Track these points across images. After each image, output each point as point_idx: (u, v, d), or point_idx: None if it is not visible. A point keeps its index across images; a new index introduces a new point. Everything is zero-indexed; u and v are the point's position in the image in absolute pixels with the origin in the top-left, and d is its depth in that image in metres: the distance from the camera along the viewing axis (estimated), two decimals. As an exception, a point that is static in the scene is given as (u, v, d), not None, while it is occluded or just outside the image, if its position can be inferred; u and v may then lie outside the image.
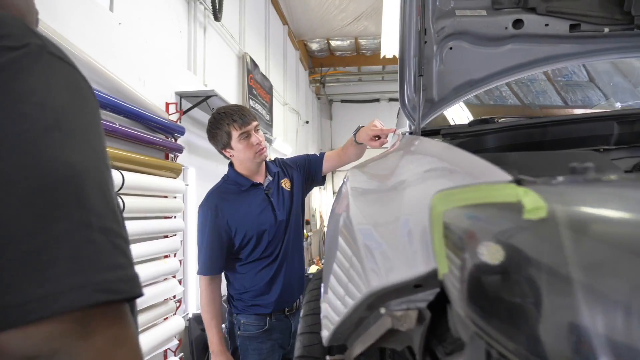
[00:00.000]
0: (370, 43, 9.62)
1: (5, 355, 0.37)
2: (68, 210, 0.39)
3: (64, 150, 0.41)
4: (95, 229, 0.41)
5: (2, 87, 0.40)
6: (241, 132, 1.78)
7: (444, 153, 0.72)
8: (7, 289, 0.36)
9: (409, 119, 1.55)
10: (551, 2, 1.43)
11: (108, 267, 0.40)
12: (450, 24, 1.46)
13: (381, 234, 0.64)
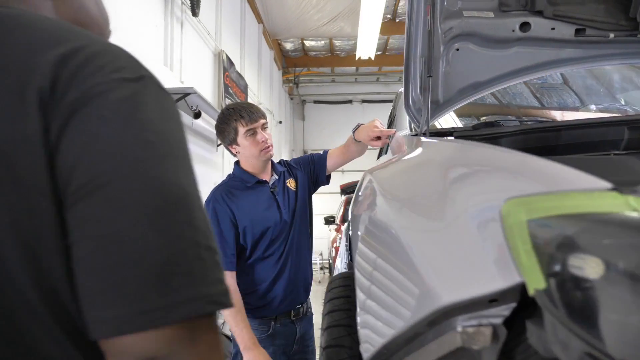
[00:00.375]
0: (345, 44, 9.63)
1: (128, 356, 0.42)
2: (183, 230, 0.44)
3: (178, 175, 0.46)
4: (202, 247, 0.45)
5: (130, 116, 0.45)
6: (247, 128, 1.77)
7: (498, 155, 0.68)
8: (139, 297, 0.41)
9: (413, 120, 1.52)
10: (558, 6, 1.42)
11: (213, 281, 0.45)
12: (458, 24, 1.43)
13: (443, 247, 0.60)
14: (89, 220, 0.42)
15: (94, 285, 0.42)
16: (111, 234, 0.42)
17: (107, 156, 0.43)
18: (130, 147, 0.44)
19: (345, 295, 0.94)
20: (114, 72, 0.46)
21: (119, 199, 0.42)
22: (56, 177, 0.43)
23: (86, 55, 0.45)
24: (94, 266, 0.42)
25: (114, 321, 0.41)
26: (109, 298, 0.41)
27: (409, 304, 0.60)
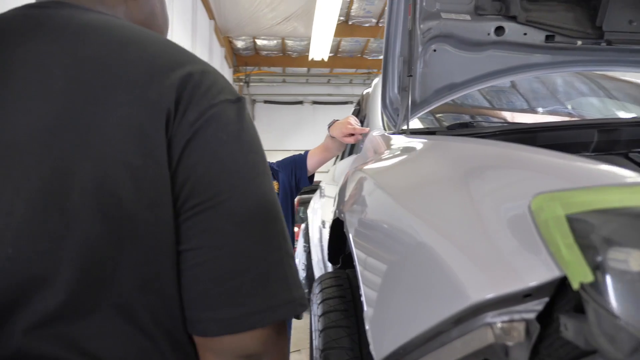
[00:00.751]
0: (297, 44, 9.61)
1: (231, 353, 0.47)
2: (278, 241, 0.50)
3: (270, 190, 0.51)
4: (289, 255, 0.51)
5: (239, 138, 0.49)
6: None
7: (518, 151, 0.69)
8: (249, 300, 0.46)
9: (390, 119, 1.52)
10: (531, 12, 1.47)
11: (299, 286, 0.50)
12: (437, 25, 1.45)
13: (471, 244, 0.59)
14: (208, 231, 0.47)
15: (209, 289, 0.46)
16: (227, 244, 0.46)
17: (226, 175, 0.48)
18: (243, 167, 0.49)
19: (339, 295, 0.92)
20: (219, 94, 0.50)
21: (236, 214, 0.47)
22: (175, 191, 0.47)
23: (198, 78, 0.49)
24: (210, 272, 0.46)
25: (225, 321, 0.46)
26: (222, 301, 0.46)
27: (434, 302, 0.59)
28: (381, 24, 8.73)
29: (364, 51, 10.25)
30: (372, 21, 8.64)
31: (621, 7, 1.43)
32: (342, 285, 0.94)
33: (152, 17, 0.63)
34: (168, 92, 0.46)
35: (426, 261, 0.62)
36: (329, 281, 0.98)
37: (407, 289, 0.64)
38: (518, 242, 0.55)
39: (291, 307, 0.48)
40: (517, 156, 0.67)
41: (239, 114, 0.50)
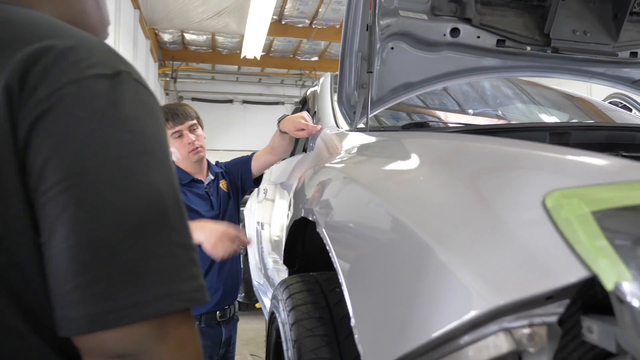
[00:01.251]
0: (229, 41, 9.37)
1: (100, 353, 0.43)
2: (155, 229, 0.45)
3: (152, 174, 0.46)
4: (175, 245, 0.46)
5: (104, 114, 0.45)
6: (173, 131, 1.78)
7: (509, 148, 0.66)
8: (108, 295, 0.42)
9: (345, 117, 1.48)
10: (485, 15, 1.50)
11: (186, 278, 0.46)
12: (395, 23, 1.43)
13: (483, 246, 0.54)
14: (58, 220, 0.42)
15: (64, 284, 0.42)
16: (81, 234, 0.42)
17: (78, 157, 0.43)
18: (103, 147, 0.44)
19: (312, 301, 0.85)
20: (89, 67, 0.45)
21: (89, 200, 0.43)
22: (27, 176, 0.43)
23: (59, 51, 0.45)
24: (64, 265, 0.42)
25: (84, 319, 0.42)
26: (79, 297, 0.42)
27: (445, 307, 0.54)
28: (314, 26, 8.74)
29: (296, 52, 10.22)
30: (306, 22, 8.63)
31: (566, 16, 1.49)
32: (312, 290, 0.88)
33: (82, 15, 0.59)
34: (12, 67, 0.43)
35: (434, 264, 0.57)
36: (297, 286, 0.90)
37: (410, 294, 0.59)
38: (535, 241, 0.52)
39: (167, 302, 0.44)
40: (518, 153, 0.65)
41: (112, 89, 0.45)
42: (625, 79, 1.66)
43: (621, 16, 1.52)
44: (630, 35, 1.55)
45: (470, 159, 0.67)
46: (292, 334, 0.78)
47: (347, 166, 0.91)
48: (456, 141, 0.79)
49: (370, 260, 0.66)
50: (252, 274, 3.25)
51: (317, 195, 0.94)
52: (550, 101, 2.29)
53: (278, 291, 0.97)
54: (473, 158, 0.67)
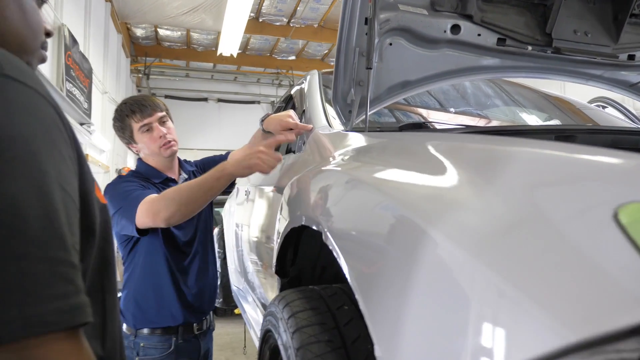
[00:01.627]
0: (204, 38, 9.19)
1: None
2: (2, 243, 0.40)
3: (3, 181, 0.41)
4: (34, 260, 0.41)
5: None
6: (142, 124, 1.61)
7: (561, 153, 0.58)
8: None
9: (340, 116, 1.39)
10: (486, 12, 1.43)
11: (47, 298, 0.41)
12: (394, 17, 1.35)
13: (545, 272, 0.47)
14: None
15: None
16: None
17: None
18: None
19: (319, 322, 0.75)
20: None
21: None
22: None
23: None
24: None
25: None
26: None
27: (501, 344, 0.46)
28: (292, 24, 8.65)
29: (273, 50, 10.09)
30: (283, 20, 8.52)
31: (568, 16, 1.44)
32: (318, 308, 0.79)
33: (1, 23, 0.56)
34: None
35: (484, 289, 0.49)
36: (299, 303, 0.81)
37: (453, 323, 0.50)
38: (609, 264, 0.44)
39: (18, 327, 0.39)
40: (572, 158, 0.57)
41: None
42: (622, 82, 1.63)
43: (622, 18, 1.48)
44: (629, 37, 1.52)
45: (516, 166, 0.59)
46: (294, 342, 0.69)
47: (356, 170, 0.82)
48: (493, 145, 0.71)
49: (396, 279, 0.58)
50: (231, 278, 3.13)
51: (321, 201, 0.85)
52: (529, 100, 2.26)
53: (276, 308, 0.87)
54: (520, 165, 0.59)
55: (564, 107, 2.23)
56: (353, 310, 0.77)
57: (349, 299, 0.81)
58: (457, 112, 2.11)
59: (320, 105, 1.69)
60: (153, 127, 1.61)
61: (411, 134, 1.15)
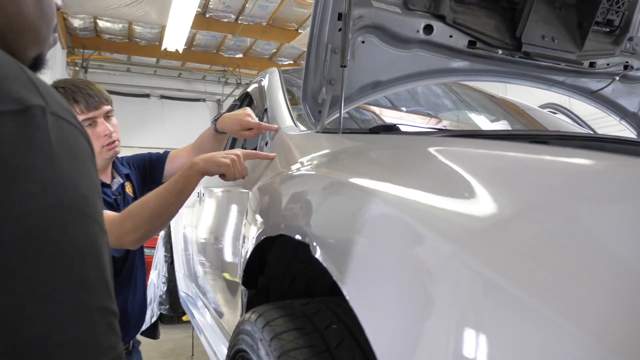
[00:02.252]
0: (147, 32, 8.79)
1: None
2: (72, 294, 0.39)
3: (68, 229, 0.40)
4: (95, 310, 0.41)
5: (5, 163, 0.38)
6: (85, 117, 1.36)
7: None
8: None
9: (309, 116, 1.32)
10: (458, 14, 1.41)
11: (105, 349, 0.41)
12: (368, 14, 1.29)
13: (577, 287, 0.41)
14: None
15: None
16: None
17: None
18: (3, 204, 0.37)
19: (307, 344, 0.67)
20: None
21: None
22: None
23: None
24: None
25: None
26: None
27: None
28: (240, 22, 8.46)
29: (220, 47, 9.83)
30: (231, 17, 8.31)
31: (536, 21, 1.45)
32: (303, 328, 0.70)
33: (18, 18, 0.51)
34: None
35: (513, 308, 0.43)
36: (281, 322, 0.72)
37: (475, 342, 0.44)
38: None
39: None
40: (601, 166, 0.52)
41: (17, 133, 0.38)
42: (583, 89, 1.66)
43: (586, 25, 1.50)
44: (592, 45, 1.55)
45: (537, 174, 0.54)
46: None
47: (344, 175, 0.74)
48: (504, 152, 0.66)
49: (404, 292, 0.51)
50: (180, 284, 2.97)
51: (306, 210, 0.77)
52: (476, 101, 2.28)
53: (252, 326, 0.78)
54: (540, 174, 0.54)
55: (509, 108, 2.27)
56: (342, 329, 0.70)
57: (336, 317, 0.73)
58: (408, 111, 2.09)
59: (285, 105, 1.61)
60: (98, 123, 1.39)
61: (388, 137, 1.09)
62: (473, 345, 0.44)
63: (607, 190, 0.48)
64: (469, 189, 0.56)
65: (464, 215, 0.52)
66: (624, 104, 1.72)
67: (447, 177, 0.61)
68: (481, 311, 0.45)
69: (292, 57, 10.38)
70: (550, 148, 0.74)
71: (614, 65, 1.63)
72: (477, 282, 0.46)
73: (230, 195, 1.59)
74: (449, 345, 0.46)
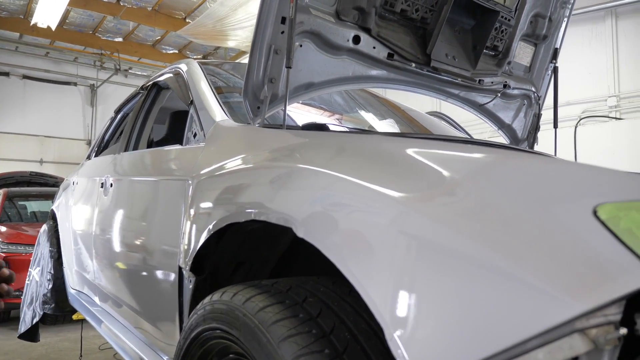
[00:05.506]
0: (11, 2, 7.84)
1: None
2: None
3: None
4: None
5: None
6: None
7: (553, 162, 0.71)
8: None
9: (248, 111, 1.39)
10: (381, 28, 1.58)
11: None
12: (307, 20, 1.40)
13: (549, 256, 0.58)
14: None
15: None
16: None
17: None
18: None
19: (292, 314, 0.76)
20: None
21: None
22: None
23: None
24: None
25: None
26: None
27: (514, 316, 0.56)
28: (123, 4, 7.95)
29: (97, 29, 9.12)
30: (113, -3, 7.79)
31: (441, 40, 1.68)
32: (284, 302, 0.79)
33: None
34: None
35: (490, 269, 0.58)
36: (262, 298, 0.79)
37: (465, 301, 0.59)
38: (597, 250, 0.57)
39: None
40: (553, 167, 0.70)
41: None
42: (473, 102, 1.95)
43: (479, 48, 1.78)
44: (482, 65, 1.83)
45: (502, 170, 0.71)
46: (282, 349, 0.69)
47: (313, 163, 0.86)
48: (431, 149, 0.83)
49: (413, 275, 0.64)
50: (69, 280, 2.78)
51: (279, 195, 0.86)
52: (364, 100, 2.50)
53: (229, 305, 0.84)
54: (505, 170, 0.71)
55: (395, 110, 2.53)
56: (319, 301, 0.80)
57: (309, 292, 0.83)
58: (312, 106, 2.23)
59: (214, 98, 1.65)
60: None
61: (330, 134, 1.22)
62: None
63: (503, 171, 0.67)
64: (404, 170, 0.72)
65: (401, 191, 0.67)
66: (502, 117, 2.06)
67: (388, 162, 0.76)
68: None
69: (177, 47, 10.01)
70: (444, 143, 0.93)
71: (496, 83, 1.94)
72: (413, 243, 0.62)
73: (159, 185, 1.59)
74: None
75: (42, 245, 3.05)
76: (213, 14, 6.51)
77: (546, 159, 0.88)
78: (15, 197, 6.32)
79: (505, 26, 1.79)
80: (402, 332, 0.62)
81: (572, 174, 0.69)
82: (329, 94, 2.31)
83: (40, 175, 7.64)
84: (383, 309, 0.64)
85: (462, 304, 0.59)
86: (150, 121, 2.36)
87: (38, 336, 2.96)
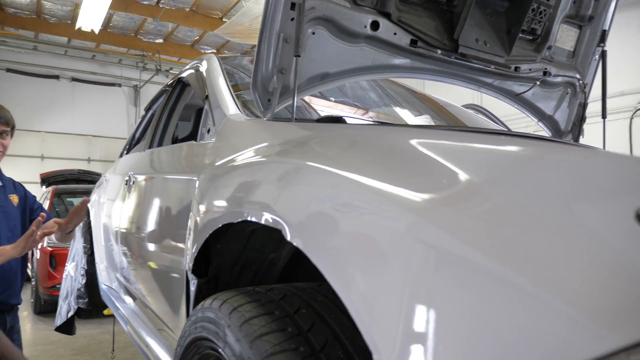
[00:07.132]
0: (59, 9, 8.14)
1: None
2: None
3: None
4: None
5: None
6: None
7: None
8: None
9: (258, 104, 1.31)
10: (403, 12, 1.46)
11: None
12: (319, 6, 1.31)
13: (572, 270, 0.46)
14: None
15: None
16: None
17: None
18: None
19: (279, 328, 0.68)
20: None
21: None
22: None
23: None
24: None
25: None
26: None
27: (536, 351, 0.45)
28: (162, 5, 8.10)
29: (138, 31, 9.35)
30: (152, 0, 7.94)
31: (471, 24, 1.54)
32: (273, 313, 0.70)
33: None
34: None
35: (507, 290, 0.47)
36: (250, 307, 0.71)
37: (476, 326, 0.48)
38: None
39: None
40: (591, 162, 0.58)
41: None
42: (508, 92, 1.80)
43: (514, 32, 1.62)
44: (517, 51, 1.68)
45: (535, 167, 0.59)
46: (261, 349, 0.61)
47: (315, 161, 0.76)
48: (453, 142, 0.71)
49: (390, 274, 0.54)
50: (100, 276, 2.81)
51: (275, 194, 0.77)
52: (400, 96, 2.37)
53: (217, 313, 0.77)
54: (537, 167, 0.59)
55: (429, 103, 2.39)
56: (312, 313, 0.71)
57: (304, 301, 0.75)
58: (336, 101, 2.13)
59: (228, 92, 1.58)
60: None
61: (340, 126, 1.12)
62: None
63: (541, 168, 0.54)
64: (423, 172, 0.61)
65: (418, 194, 0.56)
66: (542, 107, 1.89)
67: (403, 161, 0.65)
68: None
69: (215, 46, 10.13)
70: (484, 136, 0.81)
71: (535, 71, 1.77)
72: (431, 252, 0.51)
73: (171, 183, 1.54)
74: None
75: (77, 241, 3.11)
76: (249, 12, 6.51)
77: (586, 151, 0.75)
78: (63, 194, 6.56)
79: (544, 7, 1.63)
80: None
81: (616, 168, 0.57)
82: (363, 90, 2.22)
83: (87, 172, 7.93)
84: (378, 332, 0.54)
85: (489, 332, 0.48)
86: (175, 118, 2.34)
87: (74, 329, 3.02)
